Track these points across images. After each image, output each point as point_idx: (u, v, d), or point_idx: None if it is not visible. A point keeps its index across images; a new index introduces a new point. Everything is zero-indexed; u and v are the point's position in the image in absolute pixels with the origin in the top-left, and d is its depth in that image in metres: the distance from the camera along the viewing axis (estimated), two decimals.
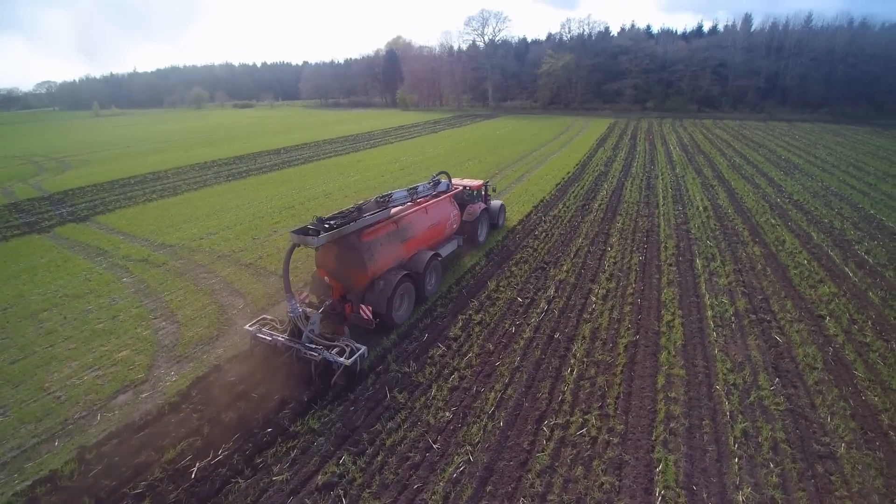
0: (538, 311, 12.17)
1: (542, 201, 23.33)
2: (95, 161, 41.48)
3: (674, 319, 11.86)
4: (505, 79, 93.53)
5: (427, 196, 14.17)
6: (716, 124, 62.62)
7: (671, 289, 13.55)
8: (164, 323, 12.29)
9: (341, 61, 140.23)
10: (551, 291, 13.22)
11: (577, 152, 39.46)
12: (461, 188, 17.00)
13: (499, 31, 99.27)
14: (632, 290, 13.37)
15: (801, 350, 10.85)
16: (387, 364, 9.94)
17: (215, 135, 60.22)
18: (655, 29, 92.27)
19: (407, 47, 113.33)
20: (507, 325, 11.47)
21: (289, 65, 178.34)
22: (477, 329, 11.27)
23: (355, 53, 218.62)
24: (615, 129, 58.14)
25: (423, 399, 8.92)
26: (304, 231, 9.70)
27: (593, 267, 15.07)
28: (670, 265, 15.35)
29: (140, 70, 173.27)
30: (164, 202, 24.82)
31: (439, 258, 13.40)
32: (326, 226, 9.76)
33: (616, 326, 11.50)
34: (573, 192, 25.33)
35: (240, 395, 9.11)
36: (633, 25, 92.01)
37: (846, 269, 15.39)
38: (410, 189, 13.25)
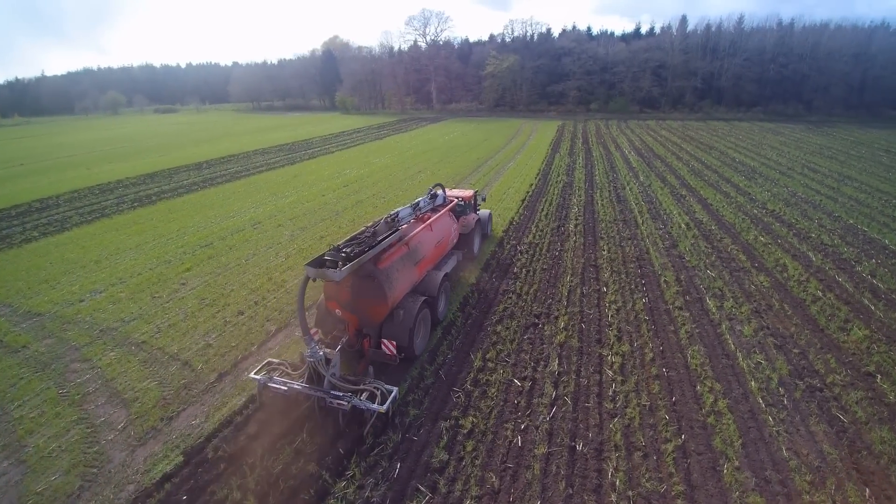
0: (545, 401, 9.08)
1: (511, 223, 20.44)
2: None
3: (716, 401, 9.18)
4: (449, 80, 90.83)
5: (427, 211, 13.28)
6: (659, 125, 63.05)
7: (695, 347, 10.94)
8: (4, 463, 8.11)
9: (274, 62, 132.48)
10: (554, 364, 10.19)
11: (533, 160, 37.17)
12: (456, 200, 15.70)
13: (441, 31, 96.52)
14: (651, 354, 10.62)
15: (874, 434, 8.54)
16: None
17: (128, 146, 53.13)
18: (595, 30, 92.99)
19: (345, 48, 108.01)
20: (509, 434, 8.27)
21: (217, 65, 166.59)
22: (469, 446, 7.98)
23: (289, 54, 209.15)
24: (564, 132, 56.84)
25: None
26: (319, 262, 8.50)
27: (594, 319, 12.24)
28: (680, 308, 12.84)
29: (49, 74, 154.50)
30: (46, 243, 19.63)
31: (448, 276, 12.54)
32: (343, 254, 8.54)
33: (651, 420, 8.63)
34: (542, 209, 22.67)
35: None
36: (574, 27, 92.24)
37: (864, 300, 13.64)
38: (413, 205, 12.20)
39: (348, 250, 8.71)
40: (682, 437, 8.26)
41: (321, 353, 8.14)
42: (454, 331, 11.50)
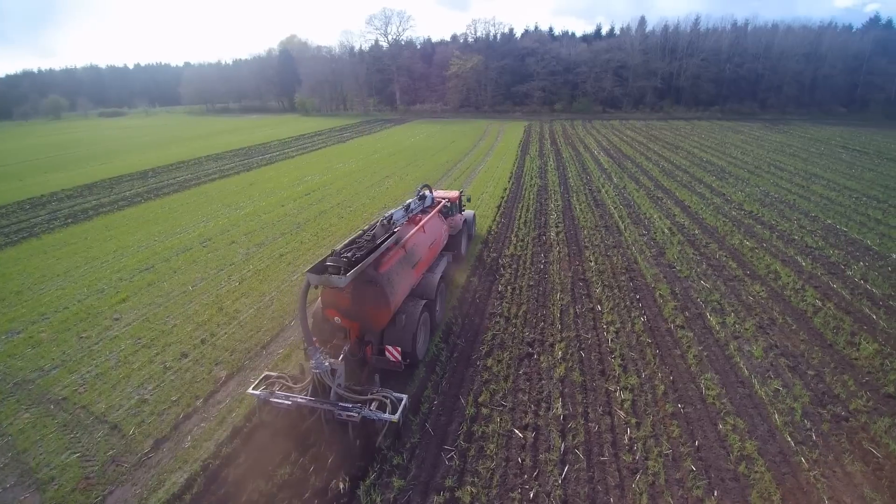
0: (554, 457, 7.71)
1: (490, 232, 19.13)
2: None
3: (743, 442, 8.08)
4: (412, 81, 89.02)
5: (418, 213, 12.92)
6: (623, 125, 63.46)
7: (707, 375, 9.88)
8: None
9: (229, 62, 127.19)
10: (558, 406, 8.85)
11: (504, 162, 36.11)
12: (444, 201, 15.42)
13: (403, 30, 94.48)
14: (662, 386, 9.46)
15: None
16: None
17: (68, 154, 48.85)
18: (557, 31, 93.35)
19: (303, 47, 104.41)
20: (515, 503, 6.86)
21: (167, 66, 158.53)
22: None
23: (244, 53, 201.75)
24: (532, 132, 56.28)
25: None
26: (321, 269, 8.22)
27: (593, 344, 11.02)
28: (682, 327, 11.82)
29: None
30: None
31: (444, 278, 12.41)
32: (344, 259, 8.20)
33: (677, 475, 7.41)
34: (519, 216, 21.48)
35: None
36: (536, 27, 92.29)
37: (864, 308, 13.13)
38: (405, 207, 11.66)
39: (349, 255, 8.30)
40: (715, 493, 7.09)
41: (327, 363, 7.65)
42: (438, 368, 9.99)
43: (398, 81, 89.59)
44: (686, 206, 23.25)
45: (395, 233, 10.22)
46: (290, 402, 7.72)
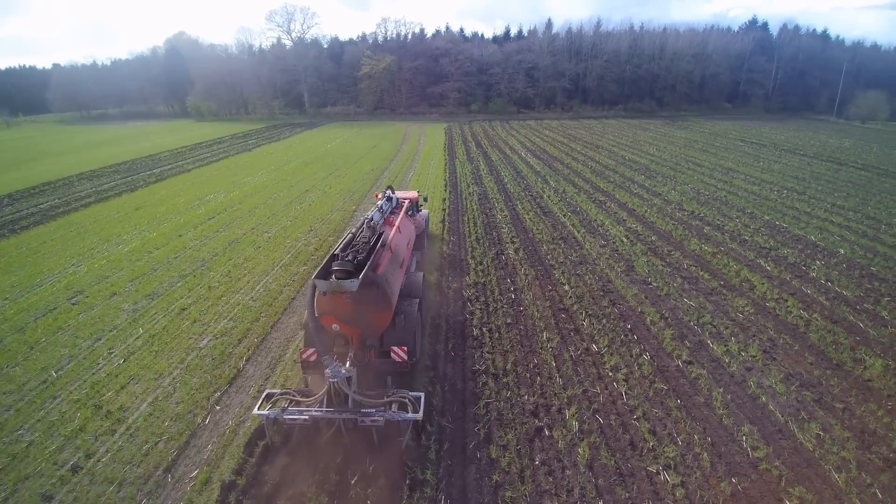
0: None
1: (443, 255, 16.72)
2: None
3: None
4: (322, 82, 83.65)
5: (389, 215, 12.94)
6: (540, 125, 64.19)
7: (744, 429, 8.36)
8: None
9: (107, 62, 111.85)
10: None
11: (434, 168, 33.92)
12: (407, 202, 15.20)
13: (308, 27, 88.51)
14: (705, 455, 7.70)
15: None
16: None
17: None
18: (467, 32, 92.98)
19: (194, 45, 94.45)
20: None
21: (32, 68, 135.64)
22: None
23: (124, 52, 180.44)
24: (453, 134, 54.74)
25: None
26: (326, 274, 7.96)
27: (607, 403, 9.02)
28: (689, 363, 10.36)
29: None
30: None
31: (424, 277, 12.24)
32: (348, 262, 8.04)
33: None
34: (469, 232, 19.34)
35: None
36: (447, 28, 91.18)
37: (848, 315, 12.90)
38: (379, 209, 11.85)
39: (350, 258, 8.21)
40: None
41: (342, 371, 7.52)
42: (430, 473, 7.31)
43: (306, 82, 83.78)
44: (631, 210, 22.55)
45: (382, 234, 10.30)
46: (306, 417, 7.51)
